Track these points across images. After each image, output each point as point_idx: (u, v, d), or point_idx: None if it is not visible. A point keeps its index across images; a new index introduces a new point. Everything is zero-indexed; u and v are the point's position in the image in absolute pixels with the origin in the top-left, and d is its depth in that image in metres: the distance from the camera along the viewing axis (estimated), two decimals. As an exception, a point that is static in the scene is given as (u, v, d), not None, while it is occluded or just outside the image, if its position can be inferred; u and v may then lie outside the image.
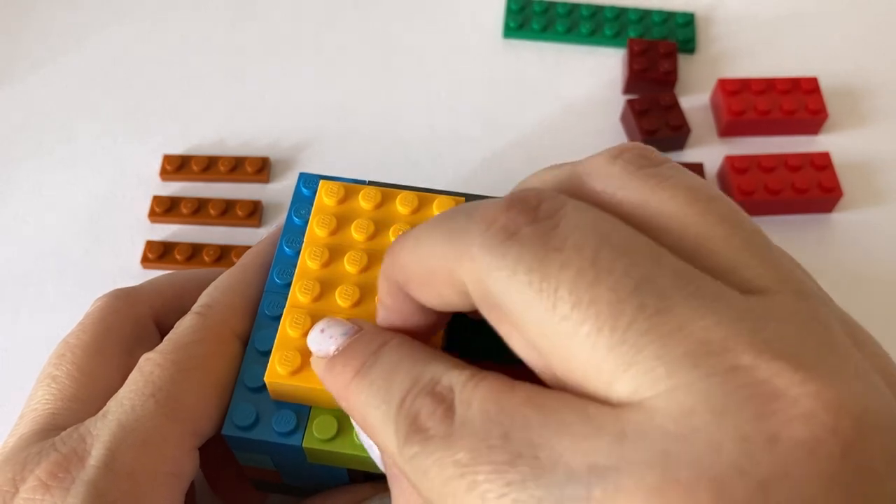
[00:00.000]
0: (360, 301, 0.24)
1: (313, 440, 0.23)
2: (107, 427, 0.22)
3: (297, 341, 0.24)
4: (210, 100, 0.43)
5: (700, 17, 0.45)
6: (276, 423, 0.23)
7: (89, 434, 0.22)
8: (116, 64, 0.44)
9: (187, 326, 0.25)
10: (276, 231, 0.28)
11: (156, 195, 0.39)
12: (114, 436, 0.22)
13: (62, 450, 0.22)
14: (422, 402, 0.18)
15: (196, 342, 0.25)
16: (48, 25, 0.45)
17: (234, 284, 0.27)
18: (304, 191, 0.28)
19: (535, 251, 0.17)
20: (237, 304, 0.26)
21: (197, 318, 0.25)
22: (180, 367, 0.24)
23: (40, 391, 0.25)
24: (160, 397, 0.23)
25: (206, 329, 0.25)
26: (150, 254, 0.37)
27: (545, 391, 0.17)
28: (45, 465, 0.22)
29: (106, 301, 0.27)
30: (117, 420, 0.23)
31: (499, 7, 0.46)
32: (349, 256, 0.25)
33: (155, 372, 0.24)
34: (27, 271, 0.37)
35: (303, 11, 0.46)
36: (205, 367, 0.24)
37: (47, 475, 0.21)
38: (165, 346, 0.24)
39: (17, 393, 0.34)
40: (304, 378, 0.23)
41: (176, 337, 0.25)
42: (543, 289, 0.17)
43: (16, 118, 0.42)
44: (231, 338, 0.25)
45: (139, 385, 0.23)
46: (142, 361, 0.24)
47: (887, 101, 0.42)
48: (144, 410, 0.23)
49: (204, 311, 0.26)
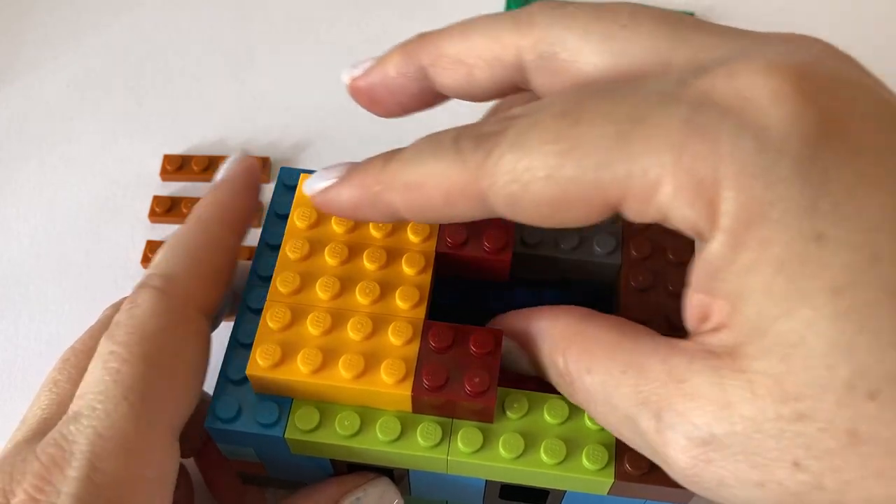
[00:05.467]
0: (340, 293, 0.24)
1: (295, 431, 0.23)
2: (83, 435, 0.21)
3: (278, 334, 0.24)
4: (210, 100, 0.43)
5: (700, 16, 0.45)
6: (258, 414, 0.24)
7: (64, 440, 0.21)
8: (116, 64, 0.44)
9: (148, 309, 0.23)
10: (235, 176, 0.26)
11: (156, 195, 0.39)
12: (92, 445, 0.21)
13: (42, 458, 0.21)
14: (479, 127, 0.20)
15: (162, 330, 0.23)
16: (48, 25, 0.45)
17: (194, 248, 0.24)
18: (284, 185, 0.28)
19: (590, 5, 0.21)
20: (201, 273, 0.24)
21: (158, 295, 0.23)
22: (150, 362, 0.22)
23: (42, 396, 0.25)
24: (133, 399, 0.21)
25: (171, 311, 0.23)
26: (150, 254, 0.37)
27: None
28: (29, 478, 0.21)
29: (114, 309, 0.27)
30: (93, 428, 0.21)
31: (499, 7, 0.46)
32: (329, 249, 0.25)
33: (123, 370, 0.22)
34: (27, 271, 0.37)
35: (303, 11, 0.46)
36: (175, 357, 0.23)
37: (34, 489, 0.20)
38: (129, 335, 0.22)
39: (18, 392, 0.34)
40: (285, 371, 0.23)
41: (137, 323, 0.23)
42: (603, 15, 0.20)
43: (16, 118, 0.42)
44: (197, 317, 0.24)
45: (108, 386, 0.22)
46: (105, 354, 0.22)
47: (887, 100, 0.42)
48: (119, 415, 0.21)
49: (165, 285, 0.23)
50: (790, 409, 0.16)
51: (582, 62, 0.21)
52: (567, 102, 0.19)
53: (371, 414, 0.24)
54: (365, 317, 0.24)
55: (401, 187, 0.21)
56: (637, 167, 0.17)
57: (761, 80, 0.17)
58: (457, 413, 0.23)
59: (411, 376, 0.23)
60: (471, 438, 0.23)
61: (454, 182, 0.20)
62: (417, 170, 0.21)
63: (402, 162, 0.21)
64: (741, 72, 0.17)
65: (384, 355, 0.23)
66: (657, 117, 0.17)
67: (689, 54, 0.19)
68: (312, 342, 0.24)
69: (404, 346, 0.23)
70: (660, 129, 0.17)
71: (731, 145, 0.16)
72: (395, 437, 0.23)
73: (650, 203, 0.18)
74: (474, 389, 0.23)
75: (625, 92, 0.19)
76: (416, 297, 0.24)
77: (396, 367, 0.23)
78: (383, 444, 0.23)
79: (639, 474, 0.23)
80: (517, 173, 0.19)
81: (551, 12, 0.21)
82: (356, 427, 0.23)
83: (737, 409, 0.17)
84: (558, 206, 0.19)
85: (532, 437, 0.23)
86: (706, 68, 0.18)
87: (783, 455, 0.17)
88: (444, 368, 0.23)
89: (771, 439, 0.17)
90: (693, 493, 0.23)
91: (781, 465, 0.17)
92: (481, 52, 0.22)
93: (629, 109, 0.18)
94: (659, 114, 0.17)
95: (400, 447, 0.23)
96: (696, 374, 0.18)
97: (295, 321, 0.24)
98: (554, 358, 0.22)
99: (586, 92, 0.19)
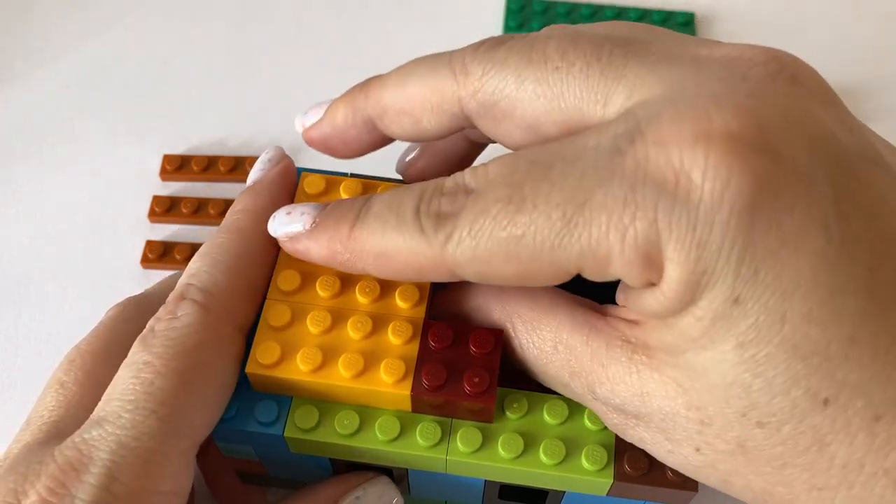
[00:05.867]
0: (340, 292, 0.24)
1: (295, 430, 0.23)
2: (105, 443, 0.21)
3: (278, 332, 0.24)
4: (210, 100, 0.43)
5: (700, 16, 0.45)
6: (258, 413, 0.24)
7: (85, 444, 0.21)
8: (116, 64, 0.44)
9: (188, 324, 0.23)
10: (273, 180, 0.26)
11: (156, 195, 0.39)
12: (114, 454, 0.21)
13: (59, 461, 0.21)
14: (438, 200, 0.21)
15: (199, 345, 0.22)
16: (48, 25, 0.45)
17: (235, 262, 0.24)
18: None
19: (521, 45, 0.21)
20: (240, 288, 0.24)
21: (198, 310, 0.23)
22: (184, 378, 0.22)
23: (48, 397, 0.24)
24: (162, 413, 0.21)
25: (209, 328, 0.23)
26: (150, 254, 0.37)
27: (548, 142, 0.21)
28: (44, 480, 0.21)
29: (119, 309, 0.27)
30: (116, 437, 0.21)
31: (499, 6, 0.46)
32: None
33: (156, 382, 0.22)
34: (27, 271, 0.37)
35: (303, 11, 0.46)
36: (208, 375, 0.23)
37: (47, 492, 0.20)
38: (166, 348, 0.22)
39: (19, 392, 0.34)
40: (285, 369, 0.23)
41: (177, 336, 0.22)
42: (534, 58, 0.21)
43: (16, 118, 0.42)
44: (234, 334, 0.23)
45: (139, 397, 0.21)
46: (140, 363, 0.22)
47: (887, 101, 0.42)
48: (146, 428, 0.21)
49: (206, 301, 0.23)
50: (695, 414, 0.20)
51: (521, 109, 0.21)
52: (510, 185, 0.20)
53: (370, 413, 0.24)
54: (365, 316, 0.24)
55: (370, 258, 0.22)
56: (587, 247, 0.19)
57: (689, 153, 0.18)
58: (456, 413, 0.23)
59: (411, 376, 0.23)
60: (470, 438, 0.23)
61: (422, 259, 0.21)
62: (383, 241, 0.21)
63: (369, 230, 0.22)
64: (671, 141, 0.18)
65: (384, 354, 0.23)
66: (598, 197, 0.18)
67: (625, 95, 0.20)
68: (312, 341, 0.24)
69: (404, 345, 0.23)
70: (602, 211, 0.18)
71: (667, 222, 0.18)
72: (394, 437, 0.23)
73: (606, 271, 0.19)
74: (474, 389, 0.23)
75: (562, 168, 0.19)
76: (417, 297, 0.24)
77: (396, 367, 0.23)
78: (382, 444, 0.23)
79: (638, 475, 0.23)
80: (478, 256, 0.20)
81: (483, 58, 0.22)
82: (355, 426, 0.23)
83: (653, 399, 0.20)
84: (523, 278, 0.20)
85: (531, 438, 0.23)
86: (640, 129, 0.19)
87: (688, 440, 0.20)
88: (443, 368, 0.23)
89: (680, 428, 0.20)
90: (692, 495, 0.23)
91: (686, 446, 0.20)
92: (423, 103, 0.23)
93: (570, 191, 0.19)
94: (599, 194, 0.18)
95: (399, 447, 0.23)
96: (615, 360, 0.21)
97: (295, 320, 0.24)
98: (503, 323, 0.24)
99: (524, 166, 0.20)
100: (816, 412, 0.18)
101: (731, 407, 0.19)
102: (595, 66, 0.20)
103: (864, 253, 0.18)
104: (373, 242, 0.21)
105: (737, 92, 0.19)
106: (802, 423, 0.18)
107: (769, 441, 0.19)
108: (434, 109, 0.23)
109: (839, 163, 0.18)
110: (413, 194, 0.21)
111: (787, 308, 0.18)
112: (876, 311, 0.18)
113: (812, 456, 0.18)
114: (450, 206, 0.20)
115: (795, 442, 0.18)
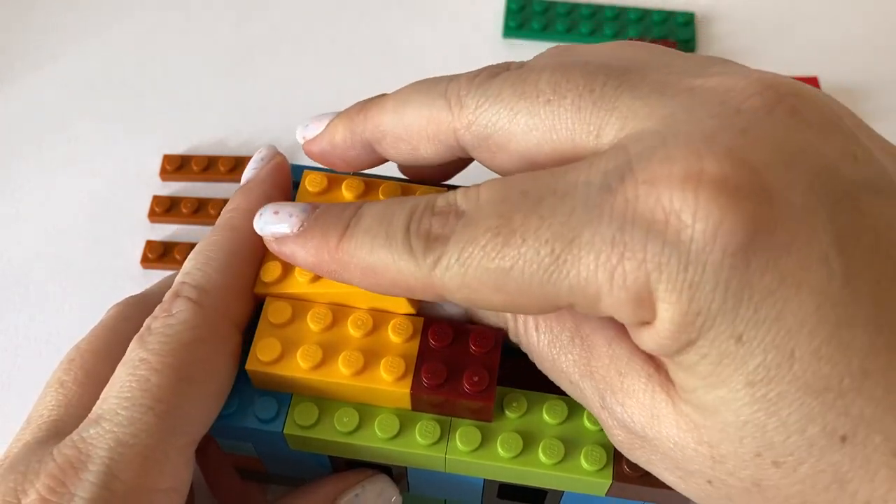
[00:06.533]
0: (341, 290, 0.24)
1: (294, 427, 0.23)
2: (103, 441, 0.21)
3: (278, 329, 0.24)
4: (210, 100, 0.43)
5: (700, 16, 0.45)
6: (257, 410, 0.24)
7: (83, 442, 0.21)
8: (116, 64, 0.44)
9: (184, 320, 0.23)
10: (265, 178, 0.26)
11: (156, 195, 0.39)
12: (112, 452, 0.21)
13: (58, 459, 0.21)
14: (428, 220, 0.20)
15: (196, 342, 0.23)
16: (48, 25, 0.45)
17: (229, 260, 0.24)
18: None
19: (514, 78, 0.21)
20: (235, 286, 0.24)
21: (193, 308, 0.23)
22: (180, 374, 0.22)
23: (48, 397, 0.24)
24: (160, 410, 0.21)
25: (204, 325, 0.23)
26: (150, 254, 0.37)
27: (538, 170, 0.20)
28: (43, 479, 0.21)
29: (118, 309, 0.27)
30: (114, 434, 0.21)
31: (499, 6, 0.46)
32: None
33: (152, 379, 0.22)
34: (27, 271, 0.37)
35: (303, 11, 0.46)
36: (205, 372, 0.23)
37: (47, 490, 0.20)
38: (162, 345, 0.22)
39: (19, 392, 0.34)
40: (285, 366, 0.23)
41: (172, 333, 0.22)
42: (526, 91, 0.21)
43: (16, 118, 0.42)
44: (230, 330, 0.24)
45: (135, 394, 0.21)
46: (136, 361, 0.22)
47: (887, 101, 0.42)
48: (143, 425, 0.21)
49: (200, 298, 0.23)
50: (707, 450, 0.19)
51: (515, 143, 0.21)
52: (500, 215, 0.19)
53: (370, 411, 0.24)
54: (365, 313, 0.24)
55: (357, 271, 0.21)
56: (576, 284, 0.18)
57: (679, 195, 0.18)
58: (456, 411, 0.23)
59: (410, 374, 0.23)
60: (469, 437, 0.23)
61: (411, 279, 0.20)
62: (371, 257, 0.21)
63: (357, 244, 0.21)
64: (661, 182, 0.18)
65: (384, 352, 0.23)
66: (586, 236, 0.18)
67: (618, 126, 0.20)
68: (312, 338, 0.24)
69: (404, 343, 0.23)
70: (590, 250, 0.18)
71: (657, 262, 0.18)
72: (393, 435, 0.23)
73: (596, 309, 0.19)
74: (473, 388, 0.23)
75: (552, 203, 0.19)
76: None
77: (396, 365, 0.23)
78: (382, 442, 0.23)
79: (637, 476, 0.23)
80: (467, 284, 0.20)
81: (477, 92, 0.22)
82: (355, 424, 0.23)
83: (664, 425, 0.20)
84: (512, 308, 0.20)
85: (531, 437, 0.23)
86: (630, 167, 0.18)
87: (700, 473, 0.20)
88: (443, 367, 0.23)
89: (690, 460, 0.19)
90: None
91: (698, 478, 0.20)
92: (420, 132, 0.23)
93: (559, 228, 0.18)
94: (588, 233, 0.18)
95: (398, 445, 0.23)
96: (634, 372, 0.20)
97: (295, 317, 0.24)
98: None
99: (515, 196, 0.19)
100: (835, 450, 0.18)
101: (745, 447, 0.18)
102: (587, 98, 0.20)
103: (869, 285, 0.17)
104: (361, 256, 0.21)
105: (730, 128, 0.18)
106: (821, 462, 0.18)
107: (786, 480, 0.18)
108: (431, 139, 0.23)
109: (840, 196, 0.18)
110: (404, 211, 0.21)
111: (794, 345, 0.17)
112: (885, 343, 0.17)
113: (833, 494, 0.18)
114: (440, 228, 0.20)
115: (814, 481, 0.18)
